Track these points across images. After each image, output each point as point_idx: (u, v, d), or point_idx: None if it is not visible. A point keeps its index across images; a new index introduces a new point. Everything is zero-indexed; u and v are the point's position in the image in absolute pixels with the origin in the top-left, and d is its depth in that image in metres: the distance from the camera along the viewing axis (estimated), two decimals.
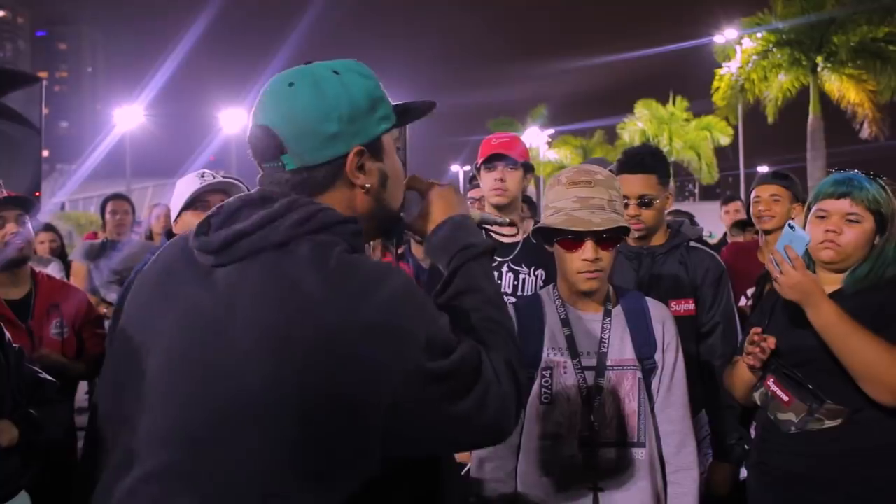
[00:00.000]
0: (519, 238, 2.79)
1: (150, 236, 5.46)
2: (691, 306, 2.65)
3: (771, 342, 2.03)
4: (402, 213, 1.35)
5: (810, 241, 1.97)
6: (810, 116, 21.21)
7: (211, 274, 1.14)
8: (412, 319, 1.09)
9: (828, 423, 1.95)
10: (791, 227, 1.97)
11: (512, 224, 1.65)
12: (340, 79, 1.19)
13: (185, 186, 2.52)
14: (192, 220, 2.55)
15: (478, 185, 3.70)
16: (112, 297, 4.23)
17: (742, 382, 2.20)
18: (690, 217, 4.85)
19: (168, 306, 1.16)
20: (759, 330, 2.09)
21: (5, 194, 2.71)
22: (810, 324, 1.95)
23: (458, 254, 1.28)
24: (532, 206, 4.71)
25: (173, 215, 2.57)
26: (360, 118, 1.19)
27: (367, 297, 1.07)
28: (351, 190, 1.21)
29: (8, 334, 2.12)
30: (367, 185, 1.21)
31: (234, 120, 32.86)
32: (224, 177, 2.51)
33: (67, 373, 2.68)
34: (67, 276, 4.73)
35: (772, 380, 2.07)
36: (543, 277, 2.73)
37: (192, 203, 2.43)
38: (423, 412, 1.08)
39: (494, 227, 1.58)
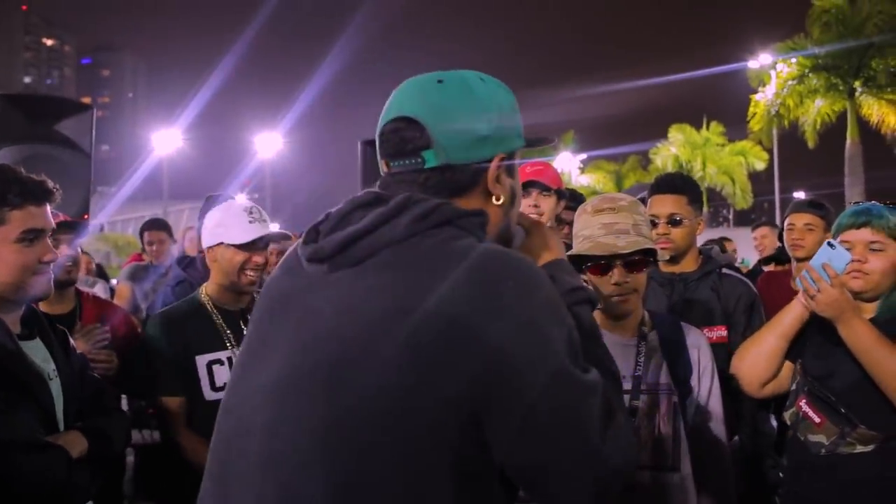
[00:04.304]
0: None
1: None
2: (724, 333, 2.66)
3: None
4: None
5: (851, 259, 1.97)
6: (848, 141, 20.82)
7: (326, 280, 1.09)
8: (558, 323, 1.04)
9: (860, 448, 1.95)
10: (830, 245, 1.97)
11: None
12: (487, 85, 1.17)
13: (230, 218, 2.53)
14: (237, 258, 2.50)
15: None
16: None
17: (758, 347, 2.15)
18: (720, 244, 4.84)
19: (287, 315, 1.12)
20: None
21: (62, 218, 2.85)
22: (845, 346, 1.95)
23: (568, 295, 1.19)
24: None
25: (207, 241, 2.57)
26: (506, 126, 1.16)
27: (516, 295, 1.02)
28: (486, 200, 1.17)
29: (73, 342, 2.18)
30: (502, 199, 1.18)
31: (268, 144, 33.48)
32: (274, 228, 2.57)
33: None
34: (112, 296, 4.89)
35: (804, 400, 2.06)
36: None
37: (251, 245, 2.50)
38: (558, 415, 1.00)
39: None
